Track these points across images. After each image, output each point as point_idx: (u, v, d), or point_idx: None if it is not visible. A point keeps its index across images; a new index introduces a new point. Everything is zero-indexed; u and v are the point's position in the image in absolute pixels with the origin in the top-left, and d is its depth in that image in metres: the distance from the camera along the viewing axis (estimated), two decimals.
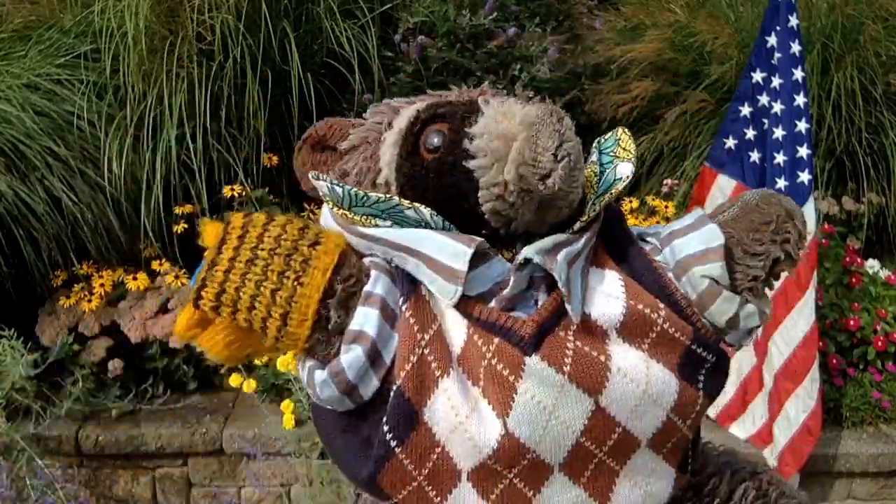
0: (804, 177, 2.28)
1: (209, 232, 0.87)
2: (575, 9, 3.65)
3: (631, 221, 2.80)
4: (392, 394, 0.80)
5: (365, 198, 0.84)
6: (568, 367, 0.79)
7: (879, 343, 2.58)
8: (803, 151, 2.29)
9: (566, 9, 3.62)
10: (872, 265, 2.85)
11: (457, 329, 0.83)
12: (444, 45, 3.00)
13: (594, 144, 0.96)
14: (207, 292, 0.82)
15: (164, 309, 2.54)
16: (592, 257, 0.88)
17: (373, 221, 0.85)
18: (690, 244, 0.88)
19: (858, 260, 2.77)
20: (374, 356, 0.81)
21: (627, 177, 0.88)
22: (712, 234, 0.87)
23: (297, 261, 0.82)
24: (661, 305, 0.86)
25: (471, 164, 0.79)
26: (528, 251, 0.80)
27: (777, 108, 2.33)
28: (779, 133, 2.32)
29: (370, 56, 2.82)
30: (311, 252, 0.82)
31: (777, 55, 2.33)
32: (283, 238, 0.83)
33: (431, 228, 0.83)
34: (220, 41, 2.64)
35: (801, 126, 2.30)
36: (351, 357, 0.80)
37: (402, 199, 0.83)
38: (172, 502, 2.50)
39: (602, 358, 0.81)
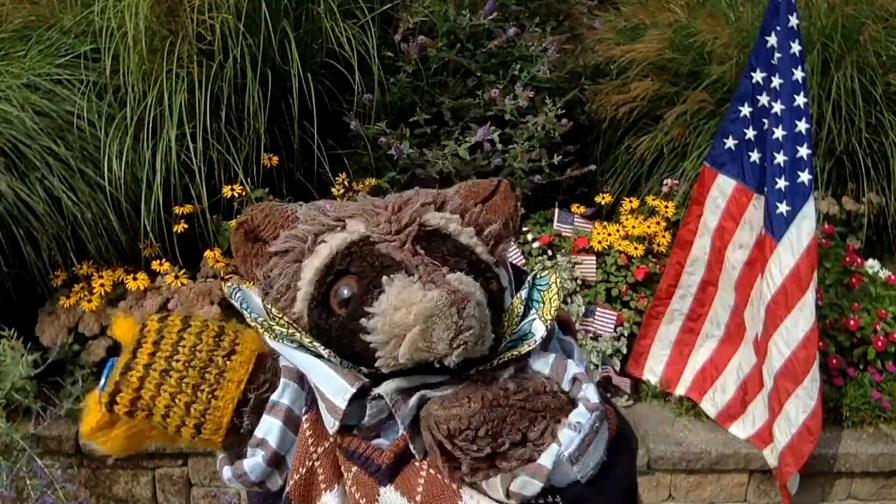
0: (804, 177, 2.28)
1: (122, 329, 0.90)
2: (575, 9, 3.65)
3: (630, 221, 2.80)
4: (284, 497, 0.85)
5: (269, 326, 0.86)
6: (419, 497, 0.81)
7: (879, 343, 2.58)
8: (803, 151, 2.29)
9: (566, 9, 3.62)
10: (872, 265, 2.85)
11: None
12: (444, 45, 3.00)
13: (529, 277, 0.94)
14: (122, 397, 0.85)
15: (164, 309, 2.54)
16: None
17: (280, 340, 0.87)
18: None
19: (858, 260, 2.78)
20: (276, 461, 0.85)
21: (537, 341, 0.87)
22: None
23: (211, 373, 0.85)
24: None
25: (367, 338, 0.80)
26: (382, 388, 0.81)
27: (777, 108, 2.33)
28: (779, 133, 2.32)
29: (370, 56, 2.82)
30: (225, 363, 0.85)
31: (777, 55, 2.33)
32: (199, 349, 0.85)
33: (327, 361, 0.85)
34: (220, 41, 2.63)
35: (801, 126, 2.30)
36: (252, 463, 0.84)
37: (303, 337, 0.85)
38: (172, 502, 2.50)
39: (455, 486, 0.82)
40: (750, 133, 2.44)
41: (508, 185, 0.96)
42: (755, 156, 2.42)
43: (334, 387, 0.82)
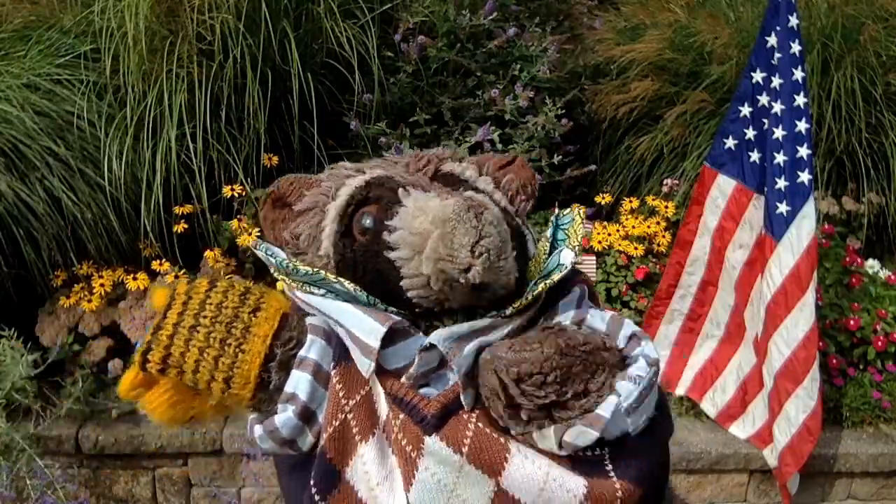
0: (804, 177, 2.28)
1: (157, 297, 0.91)
2: (575, 9, 3.65)
3: (630, 221, 2.80)
4: (318, 452, 0.84)
5: (295, 270, 0.88)
6: (467, 448, 0.80)
7: (879, 343, 2.58)
8: (803, 151, 2.29)
9: (566, 9, 3.62)
10: (872, 265, 2.85)
11: (381, 398, 0.86)
12: (444, 45, 3.00)
13: (552, 218, 0.96)
14: (153, 355, 0.86)
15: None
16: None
17: (307, 288, 0.88)
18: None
19: (858, 260, 2.77)
20: (306, 416, 0.85)
21: (567, 266, 0.87)
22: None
23: (237, 328, 0.86)
24: None
25: (391, 255, 0.81)
26: (434, 337, 0.81)
27: (777, 108, 2.33)
28: (779, 133, 2.32)
29: (370, 56, 2.82)
30: (251, 319, 0.86)
31: (777, 55, 2.33)
32: (224, 306, 0.87)
33: (358, 301, 0.85)
34: (220, 41, 2.63)
35: (801, 126, 2.30)
36: (283, 418, 0.84)
37: (327, 274, 0.86)
38: (172, 502, 2.50)
39: (503, 440, 0.81)
40: (750, 133, 2.44)
41: (523, 158, 0.98)
42: (755, 156, 2.42)
43: (366, 327, 0.81)
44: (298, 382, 0.85)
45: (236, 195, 2.63)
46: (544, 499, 0.81)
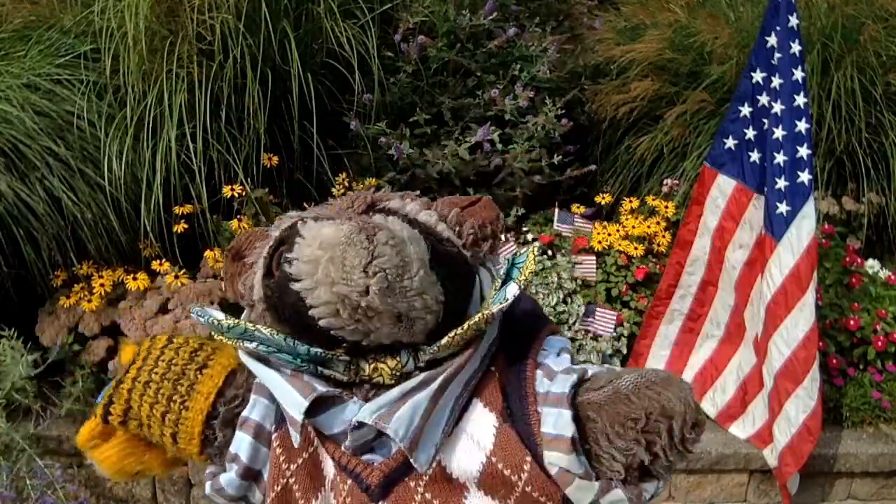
0: (804, 177, 2.28)
1: (125, 353, 0.96)
2: (575, 9, 3.65)
3: (630, 221, 2.80)
4: None
5: (219, 325, 0.87)
6: None
7: (879, 343, 2.58)
8: (803, 151, 2.29)
9: (566, 9, 3.62)
10: (872, 265, 2.85)
11: (327, 458, 0.86)
12: (444, 45, 3.00)
13: (509, 257, 0.95)
14: (115, 408, 0.90)
15: (164, 309, 2.54)
16: (480, 382, 0.85)
17: (241, 344, 0.87)
18: (544, 423, 0.84)
19: (858, 260, 2.77)
20: (251, 475, 0.87)
21: (508, 300, 0.85)
22: (564, 423, 0.82)
23: (183, 385, 0.90)
24: (527, 464, 0.82)
25: (295, 286, 0.80)
26: (362, 413, 0.80)
27: (777, 108, 2.33)
28: (779, 133, 2.32)
29: (370, 56, 2.82)
30: (196, 376, 0.90)
31: (777, 55, 2.33)
32: (174, 363, 0.91)
33: (283, 350, 0.84)
34: (220, 41, 2.63)
35: (801, 126, 2.30)
36: (227, 478, 0.87)
37: (246, 324, 0.85)
38: (172, 502, 2.50)
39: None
40: (750, 133, 2.44)
41: (490, 199, 0.96)
42: (755, 156, 2.42)
43: (291, 400, 0.82)
44: (241, 444, 0.87)
45: (236, 195, 2.63)
46: None
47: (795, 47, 2.31)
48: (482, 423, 0.83)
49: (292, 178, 2.86)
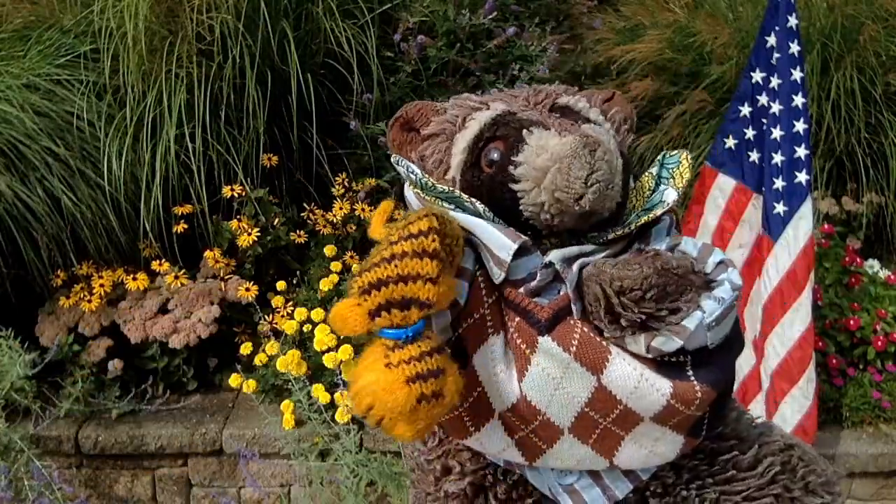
0: (802, 177, 2.28)
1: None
2: (575, 9, 3.66)
3: None
4: (453, 338, 0.94)
5: (433, 187, 0.98)
6: (574, 349, 0.92)
7: (879, 343, 2.58)
8: (801, 152, 2.29)
9: (566, 9, 3.62)
10: (872, 265, 2.84)
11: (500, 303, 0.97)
12: (443, 45, 3.00)
13: (658, 157, 1.06)
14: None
15: (163, 309, 2.54)
16: None
17: (440, 203, 0.98)
18: None
19: (858, 260, 2.77)
20: (456, 317, 0.94)
21: (668, 203, 0.98)
22: None
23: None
24: None
25: (515, 186, 0.92)
26: (553, 255, 0.93)
27: (775, 108, 2.33)
28: (777, 133, 2.32)
29: (370, 56, 2.82)
30: (455, 250, 0.91)
31: (776, 55, 2.33)
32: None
33: (485, 219, 0.96)
34: (219, 41, 2.64)
35: (800, 126, 2.30)
36: (441, 316, 0.92)
37: (462, 194, 0.97)
38: (172, 502, 2.50)
39: (605, 344, 0.93)
40: (750, 133, 2.44)
41: (621, 95, 1.09)
42: (755, 156, 2.42)
43: (499, 243, 0.92)
44: (460, 290, 0.94)
45: (236, 195, 2.63)
46: (637, 395, 0.92)
47: (794, 47, 2.31)
48: None
49: (292, 178, 2.86)
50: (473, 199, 0.95)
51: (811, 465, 1.05)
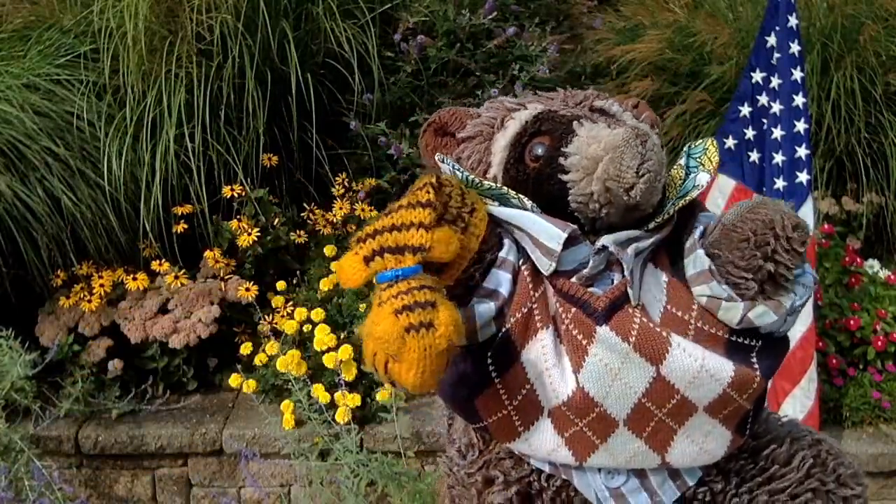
0: (802, 177, 2.28)
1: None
2: (575, 9, 3.66)
3: None
4: (500, 334, 0.94)
5: (479, 183, 0.98)
6: (633, 339, 0.92)
7: (879, 343, 2.58)
8: (802, 152, 2.29)
9: (566, 9, 3.62)
10: (872, 265, 2.84)
11: (550, 296, 0.97)
12: (443, 45, 3.00)
13: (685, 148, 1.08)
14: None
15: (163, 309, 2.54)
16: (653, 253, 0.99)
17: (485, 200, 0.99)
18: (689, 268, 0.99)
19: (858, 260, 2.77)
20: (504, 305, 0.95)
21: (702, 186, 1.00)
22: (699, 260, 0.97)
23: (459, 227, 0.92)
24: (695, 306, 0.97)
25: (564, 177, 0.93)
26: (606, 240, 0.94)
27: (776, 108, 2.33)
28: (777, 133, 2.32)
29: (370, 56, 2.82)
30: (469, 219, 0.93)
31: (776, 55, 2.33)
32: (450, 205, 0.93)
33: (532, 212, 0.97)
34: (219, 41, 2.64)
35: (800, 126, 2.30)
36: (483, 308, 0.93)
37: (509, 190, 0.98)
38: (172, 502, 2.50)
39: (664, 334, 0.93)
40: (750, 133, 2.44)
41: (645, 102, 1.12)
42: (755, 156, 2.42)
43: (548, 233, 0.94)
44: (501, 281, 0.95)
45: (236, 195, 2.63)
46: (696, 385, 0.93)
47: (794, 47, 2.31)
48: (656, 281, 0.98)
49: (292, 178, 2.86)
50: (520, 195, 0.97)
51: (839, 457, 1.07)
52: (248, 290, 2.55)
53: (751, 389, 0.95)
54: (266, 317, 2.52)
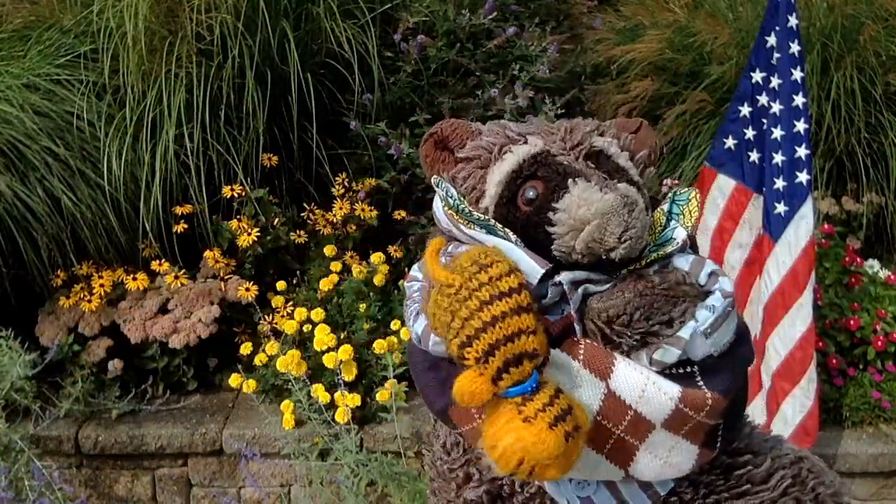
0: (802, 177, 2.28)
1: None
2: (575, 9, 3.66)
3: None
4: None
5: (469, 212, 1.01)
6: (581, 357, 0.95)
7: (879, 343, 2.58)
8: (802, 152, 2.29)
9: (566, 9, 3.62)
10: (872, 265, 2.84)
11: None
12: (443, 45, 3.00)
13: (670, 194, 1.10)
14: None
15: (163, 309, 2.54)
16: None
17: (471, 226, 1.01)
18: None
19: (858, 260, 2.77)
20: None
21: (678, 243, 1.02)
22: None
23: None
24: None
25: (550, 229, 0.96)
26: (562, 276, 0.96)
27: (776, 108, 2.33)
28: (777, 133, 2.32)
29: (370, 56, 2.82)
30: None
31: (776, 55, 2.33)
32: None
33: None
34: (219, 41, 2.64)
35: (800, 126, 2.30)
36: None
37: (497, 224, 1.00)
38: (172, 502, 2.50)
39: (609, 349, 0.96)
40: (749, 133, 2.44)
41: (649, 124, 1.12)
42: (755, 156, 2.42)
43: (527, 267, 0.96)
44: None
45: (236, 195, 2.63)
46: (645, 399, 0.95)
47: (794, 47, 2.31)
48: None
49: (292, 178, 2.86)
50: (507, 230, 0.99)
51: (820, 476, 1.07)
52: (248, 290, 2.55)
53: (707, 408, 0.96)
54: (266, 317, 2.52)
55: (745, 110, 2.45)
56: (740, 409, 1.03)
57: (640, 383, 0.94)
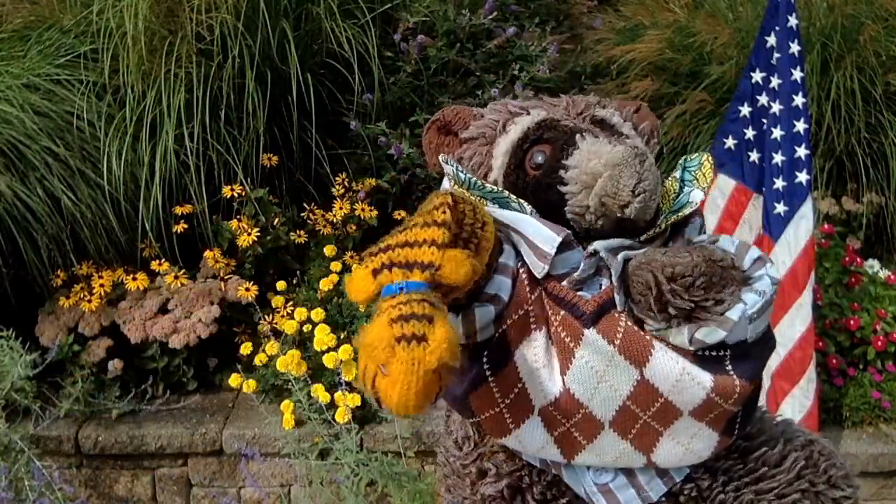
0: (802, 177, 2.28)
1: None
2: (575, 9, 3.66)
3: None
4: (497, 335, 0.95)
5: (481, 186, 1.00)
6: (618, 341, 0.94)
7: (879, 343, 2.58)
8: (801, 152, 2.29)
9: (566, 9, 3.63)
10: (872, 265, 2.84)
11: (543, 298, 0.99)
12: (443, 45, 3.00)
13: (681, 161, 1.10)
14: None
15: (163, 309, 2.54)
16: None
17: (483, 202, 0.99)
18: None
19: (858, 260, 2.77)
20: (499, 314, 0.96)
21: (696, 203, 1.02)
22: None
23: (472, 243, 0.91)
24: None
25: (563, 188, 0.95)
26: (597, 245, 0.95)
27: (776, 108, 2.33)
28: (777, 133, 2.32)
29: (370, 56, 2.82)
30: (481, 234, 0.92)
31: (776, 55, 2.33)
32: (464, 222, 0.91)
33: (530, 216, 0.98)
34: (219, 41, 2.64)
35: (800, 126, 2.30)
36: (483, 311, 0.94)
37: (509, 194, 0.99)
38: (172, 502, 2.50)
39: (648, 338, 0.95)
40: (749, 133, 2.44)
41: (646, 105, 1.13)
42: (755, 156, 2.43)
43: (543, 236, 0.95)
44: (501, 286, 0.96)
45: (236, 195, 2.63)
46: (678, 389, 0.94)
47: (794, 47, 2.31)
48: None
49: (292, 177, 2.86)
50: (520, 199, 0.98)
51: (831, 458, 1.07)
52: (248, 290, 2.55)
53: (735, 395, 0.95)
54: (266, 317, 2.52)
55: (745, 110, 2.45)
56: (758, 396, 1.04)
57: (676, 373, 0.94)
